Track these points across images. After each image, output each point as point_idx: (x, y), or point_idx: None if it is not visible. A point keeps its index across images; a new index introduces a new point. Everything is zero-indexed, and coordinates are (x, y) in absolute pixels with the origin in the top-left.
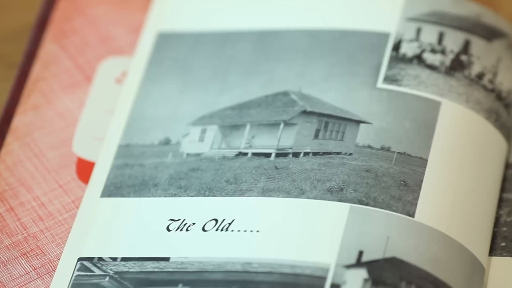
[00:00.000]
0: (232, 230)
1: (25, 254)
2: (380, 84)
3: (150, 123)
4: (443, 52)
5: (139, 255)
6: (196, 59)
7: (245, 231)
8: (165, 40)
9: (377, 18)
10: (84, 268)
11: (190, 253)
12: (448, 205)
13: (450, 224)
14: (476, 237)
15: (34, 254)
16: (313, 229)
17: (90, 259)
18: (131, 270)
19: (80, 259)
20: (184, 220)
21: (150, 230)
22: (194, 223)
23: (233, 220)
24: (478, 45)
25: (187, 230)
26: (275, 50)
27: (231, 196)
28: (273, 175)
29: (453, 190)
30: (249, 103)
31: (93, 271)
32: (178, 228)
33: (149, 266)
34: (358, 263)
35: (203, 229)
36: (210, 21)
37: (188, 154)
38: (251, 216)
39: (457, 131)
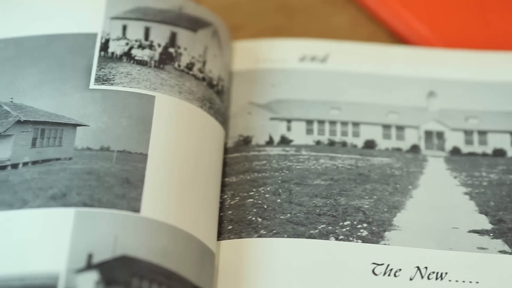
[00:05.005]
0: None
1: None
2: (93, 85)
3: None
4: (151, 46)
5: None
6: None
7: None
8: None
9: (82, 20)
10: None
11: None
12: (172, 196)
13: (176, 215)
14: (203, 224)
15: None
16: (39, 238)
17: None
18: None
19: None
20: None
21: None
22: None
23: None
24: (184, 36)
25: None
26: None
27: None
28: None
29: (176, 181)
30: None
31: None
32: None
33: None
34: (89, 266)
35: None
36: None
37: None
38: None
39: (173, 122)
